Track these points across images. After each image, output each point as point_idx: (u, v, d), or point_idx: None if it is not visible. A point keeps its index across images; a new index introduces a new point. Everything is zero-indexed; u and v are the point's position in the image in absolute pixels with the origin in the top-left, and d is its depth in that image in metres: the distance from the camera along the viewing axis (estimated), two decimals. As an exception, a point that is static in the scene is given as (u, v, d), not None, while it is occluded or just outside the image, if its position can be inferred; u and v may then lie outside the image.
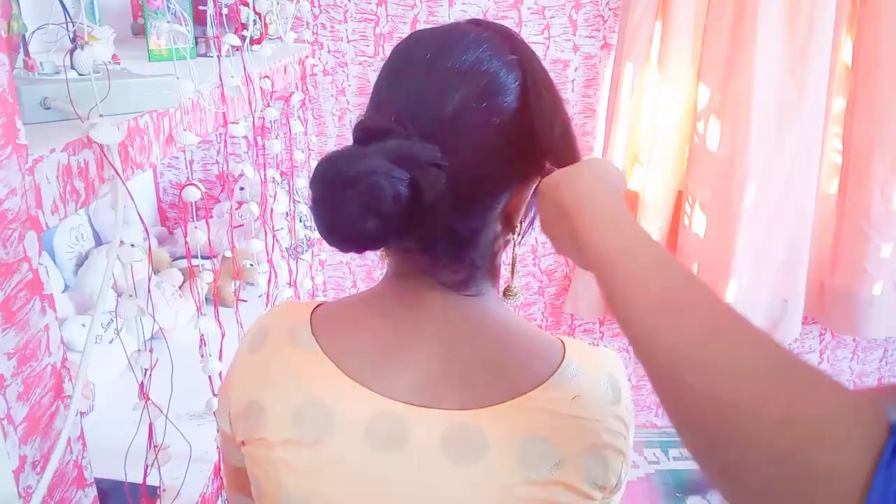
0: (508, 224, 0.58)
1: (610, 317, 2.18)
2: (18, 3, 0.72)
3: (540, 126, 0.55)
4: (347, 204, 0.48)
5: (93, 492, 0.64)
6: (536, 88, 0.55)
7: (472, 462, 0.54)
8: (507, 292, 0.62)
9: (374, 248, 0.52)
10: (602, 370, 0.59)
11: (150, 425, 0.83)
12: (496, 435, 0.54)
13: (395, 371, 0.56)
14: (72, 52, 0.66)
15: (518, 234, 0.60)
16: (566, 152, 0.57)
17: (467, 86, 0.52)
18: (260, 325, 0.62)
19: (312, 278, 1.75)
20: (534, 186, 0.58)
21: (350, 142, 0.54)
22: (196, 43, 1.14)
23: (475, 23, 0.58)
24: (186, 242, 0.93)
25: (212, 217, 1.77)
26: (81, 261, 1.42)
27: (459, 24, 0.57)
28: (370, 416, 0.55)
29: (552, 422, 0.55)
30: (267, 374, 0.59)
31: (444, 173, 0.50)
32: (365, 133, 0.52)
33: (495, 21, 0.60)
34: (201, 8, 1.05)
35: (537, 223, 0.59)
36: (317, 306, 0.62)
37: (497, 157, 0.53)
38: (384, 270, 0.62)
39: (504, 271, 0.63)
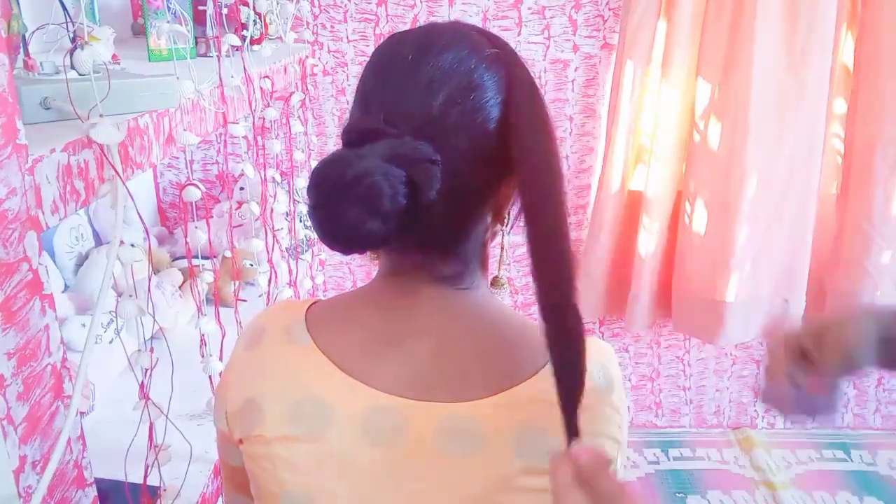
0: (497, 215, 0.59)
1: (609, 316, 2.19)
2: (18, 3, 0.72)
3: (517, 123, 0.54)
4: (347, 207, 0.48)
5: (93, 492, 0.64)
6: (517, 82, 0.55)
7: (469, 454, 0.54)
8: (493, 282, 0.62)
9: (374, 248, 0.52)
10: (594, 360, 0.59)
11: (151, 425, 0.83)
12: (492, 426, 0.54)
13: (390, 366, 0.56)
14: (72, 52, 0.66)
15: (507, 225, 0.60)
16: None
17: (452, 82, 0.52)
18: (256, 324, 0.63)
19: (312, 278, 1.75)
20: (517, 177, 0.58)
21: None
22: (196, 43, 1.14)
23: (453, 22, 0.58)
24: (187, 242, 0.93)
25: (212, 217, 1.77)
26: (81, 261, 1.42)
27: (437, 24, 0.58)
28: (367, 410, 0.55)
29: (546, 411, 0.55)
30: (263, 371, 0.59)
31: (439, 169, 0.50)
32: (355, 135, 0.52)
33: (493, 21, 0.61)
34: (201, 8, 1.05)
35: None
36: (311, 304, 0.62)
37: (487, 150, 0.53)
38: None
39: (492, 262, 0.63)
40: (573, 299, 0.55)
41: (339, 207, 0.48)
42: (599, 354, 0.60)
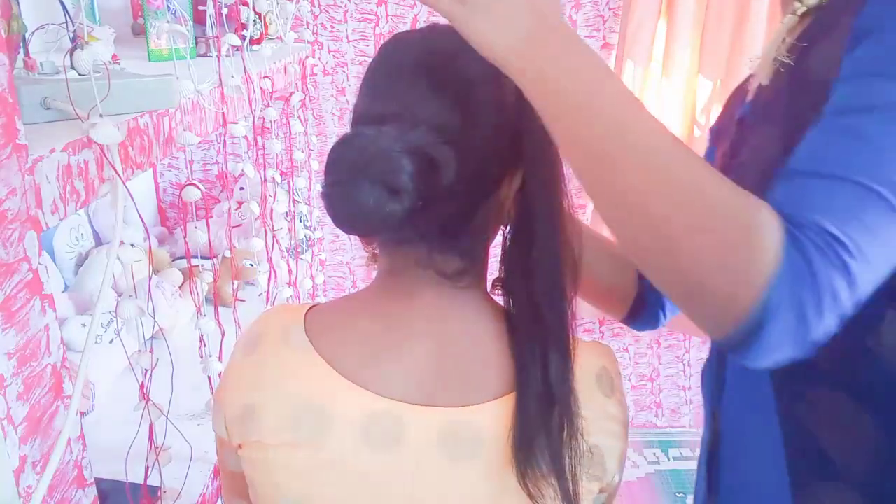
0: (500, 213, 0.58)
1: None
2: (18, 3, 0.72)
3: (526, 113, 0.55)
4: (368, 182, 0.47)
5: (93, 492, 0.64)
6: None
7: (469, 459, 0.54)
8: (496, 284, 0.62)
9: (388, 231, 0.51)
10: (595, 363, 0.59)
11: (151, 426, 0.83)
12: (492, 431, 0.54)
13: (389, 370, 0.56)
14: (72, 52, 0.66)
15: (508, 224, 0.59)
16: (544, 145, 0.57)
17: (465, 74, 0.52)
18: (254, 329, 0.62)
19: (312, 278, 1.75)
20: (521, 175, 0.58)
21: None
22: (196, 43, 1.14)
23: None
24: (186, 242, 0.93)
25: (212, 217, 1.77)
26: (81, 261, 1.42)
27: (442, 25, 0.58)
28: (366, 415, 0.55)
29: None
30: (262, 376, 0.58)
31: (456, 152, 0.50)
32: (371, 118, 0.52)
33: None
34: (201, 8, 1.05)
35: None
36: (310, 308, 0.62)
37: (496, 142, 0.53)
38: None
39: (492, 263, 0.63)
40: (567, 305, 0.56)
41: (359, 183, 0.47)
42: (600, 357, 0.60)
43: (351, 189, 0.48)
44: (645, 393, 2.29)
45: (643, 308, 0.85)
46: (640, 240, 0.48)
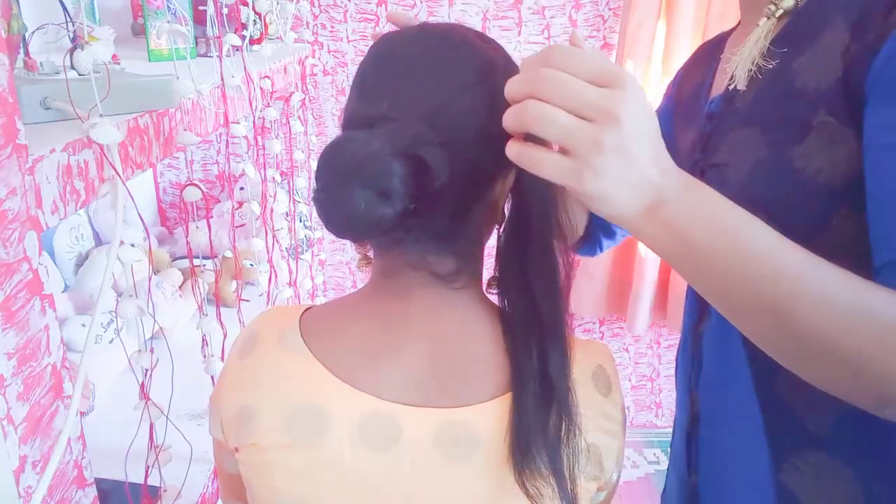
0: (493, 212, 0.58)
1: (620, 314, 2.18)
2: (18, 3, 0.72)
3: None
4: (358, 187, 0.47)
5: (93, 492, 0.64)
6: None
7: (465, 459, 0.54)
8: (491, 283, 0.61)
9: (380, 235, 0.51)
10: (592, 362, 0.59)
11: (151, 425, 0.83)
12: (489, 430, 0.54)
13: (385, 371, 0.56)
14: (72, 52, 0.66)
15: (503, 223, 0.59)
16: None
17: (457, 73, 0.52)
18: (249, 331, 0.62)
19: (312, 278, 1.75)
20: (514, 174, 0.57)
21: None
22: (196, 43, 1.14)
23: (447, 23, 0.59)
24: (188, 242, 0.93)
25: (212, 217, 1.77)
26: (81, 261, 1.42)
27: (433, 24, 0.58)
28: (362, 417, 0.55)
29: None
30: (257, 378, 0.58)
31: (448, 154, 0.49)
32: (359, 122, 0.52)
33: (493, 21, 0.60)
34: (201, 8, 1.05)
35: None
36: (305, 310, 0.62)
37: (488, 142, 0.53)
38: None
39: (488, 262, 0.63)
40: (564, 303, 0.56)
41: (350, 187, 0.47)
42: (597, 356, 0.60)
43: (341, 193, 0.47)
44: (645, 393, 2.29)
45: (586, 241, 0.94)
46: (828, 372, 0.49)
